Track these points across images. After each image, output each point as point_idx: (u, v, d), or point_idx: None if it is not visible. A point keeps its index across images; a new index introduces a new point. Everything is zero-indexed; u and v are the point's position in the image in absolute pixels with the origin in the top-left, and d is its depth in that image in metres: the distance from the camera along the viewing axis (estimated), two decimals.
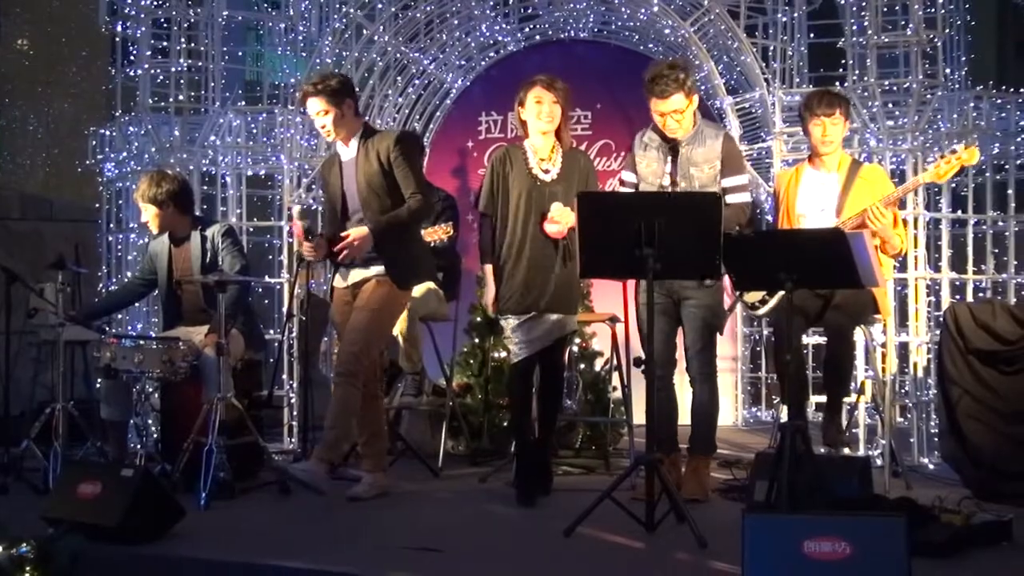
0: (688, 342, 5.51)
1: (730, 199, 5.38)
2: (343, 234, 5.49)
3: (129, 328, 7.42)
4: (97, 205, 8.19)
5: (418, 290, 6.21)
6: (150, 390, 6.11)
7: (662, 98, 5.38)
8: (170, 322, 6.35)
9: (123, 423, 6.14)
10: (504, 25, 8.87)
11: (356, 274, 5.65)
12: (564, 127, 5.62)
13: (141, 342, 5.98)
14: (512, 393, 5.89)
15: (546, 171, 5.59)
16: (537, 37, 9.13)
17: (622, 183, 5.70)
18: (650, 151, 5.55)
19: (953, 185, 6.15)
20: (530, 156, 5.62)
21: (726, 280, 5.28)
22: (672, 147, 5.48)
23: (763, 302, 5.69)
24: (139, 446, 6.26)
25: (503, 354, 6.85)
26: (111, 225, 7.87)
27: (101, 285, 7.84)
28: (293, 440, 7.08)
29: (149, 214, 6.21)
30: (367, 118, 7.94)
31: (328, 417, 5.51)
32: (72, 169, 11.25)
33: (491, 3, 8.58)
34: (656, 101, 5.41)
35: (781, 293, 5.05)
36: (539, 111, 5.54)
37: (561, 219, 5.44)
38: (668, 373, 5.57)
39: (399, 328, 6.24)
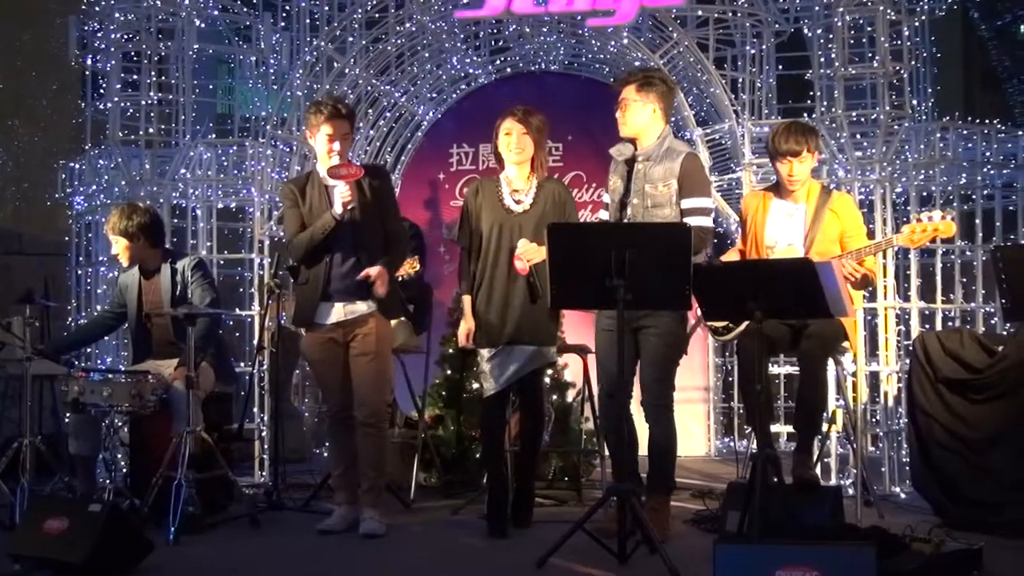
0: (643, 372, 5.34)
1: (689, 222, 5.20)
2: (363, 273, 5.44)
3: (98, 362, 7.37)
4: (67, 238, 8.15)
5: None
6: (119, 424, 6.06)
7: (619, 85, 5.46)
8: (140, 355, 6.31)
9: (92, 458, 6.08)
10: (475, 58, 8.91)
11: (340, 311, 5.57)
12: (539, 158, 5.62)
13: (110, 376, 5.93)
14: (485, 426, 5.83)
15: (518, 202, 5.60)
16: (508, 69, 9.17)
17: (604, 206, 5.70)
18: (618, 167, 5.53)
19: (918, 213, 6.20)
20: (503, 188, 5.65)
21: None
22: (627, 162, 5.46)
23: (728, 329, 5.66)
24: (108, 481, 6.20)
25: (476, 385, 6.85)
26: (80, 258, 7.83)
27: (70, 319, 7.80)
28: (264, 473, 7.03)
29: (120, 247, 6.18)
30: None
31: (371, 467, 5.57)
32: (41, 202, 11.22)
33: (462, 36, 8.62)
34: (617, 88, 5.48)
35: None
36: (508, 143, 5.58)
37: (524, 255, 5.43)
38: (625, 403, 5.29)
39: None
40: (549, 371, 6.89)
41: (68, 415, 6.24)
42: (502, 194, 5.64)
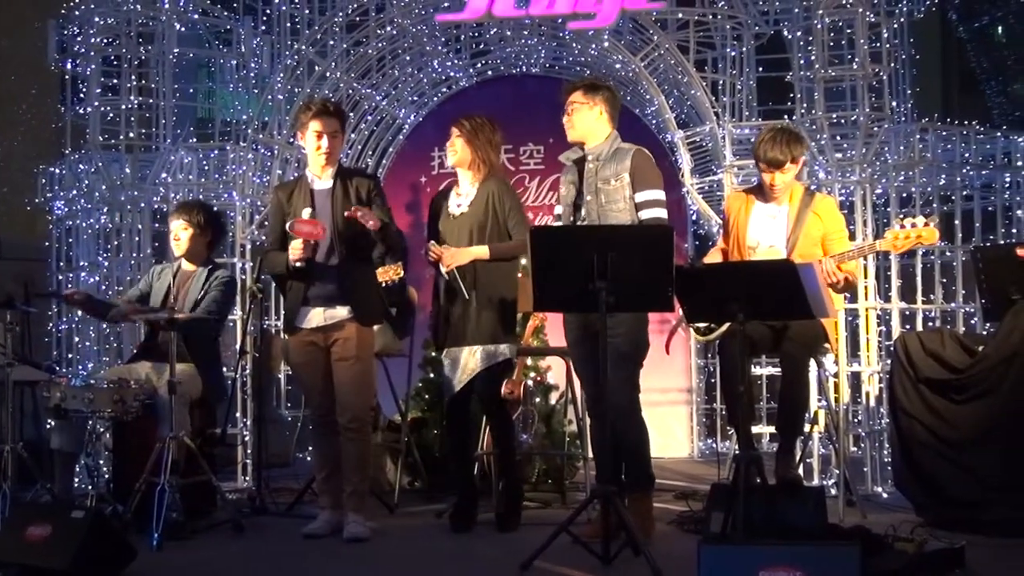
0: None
1: (642, 215, 5.30)
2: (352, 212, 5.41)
3: (79, 368, 7.34)
4: (47, 243, 8.11)
5: None
6: (101, 430, 6.03)
7: (565, 92, 5.52)
8: (141, 353, 6.26)
9: (73, 455, 6.00)
10: (456, 61, 8.92)
11: (320, 316, 5.56)
12: (477, 159, 5.70)
13: (92, 381, 5.90)
14: (446, 429, 6.00)
15: (459, 205, 5.74)
16: (489, 72, 9.19)
17: (555, 218, 5.74)
18: (568, 173, 5.58)
19: (901, 216, 6.25)
20: (453, 192, 5.79)
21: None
22: (578, 164, 5.50)
23: (710, 329, 5.68)
24: (90, 487, 6.17)
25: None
26: (61, 264, 7.80)
27: (51, 324, 7.76)
28: (247, 478, 7.01)
29: (184, 233, 6.18)
30: None
31: (354, 471, 5.57)
32: (21, 207, 11.15)
33: (443, 39, 8.63)
34: (563, 96, 5.52)
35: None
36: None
37: (443, 258, 5.56)
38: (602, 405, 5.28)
39: None
40: (532, 374, 6.91)
41: (50, 421, 6.20)
42: (450, 198, 5.79)
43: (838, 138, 7.01)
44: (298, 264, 5.47)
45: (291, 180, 6.11)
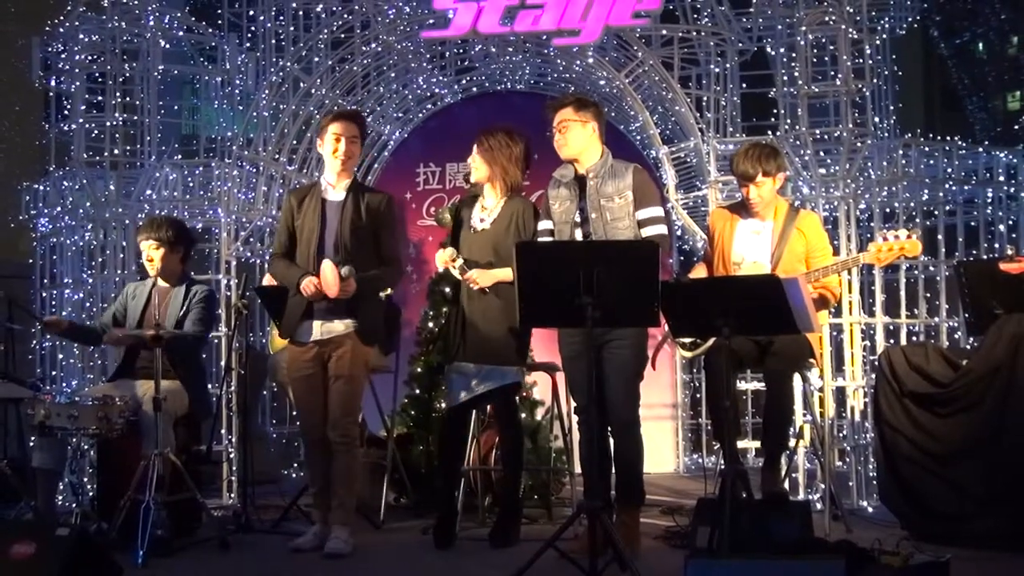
0: (612, 389, 5.31)
1: (646, 232, 5.38)
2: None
3: (64, 385, 7.31)
4: (31, 261, 8.09)
5: None
6: (85, 447, 6.00)
7: (552, 109, 5.55)
8: (123, 370, 6.23)
9: (55, 472, 5.94)
10: (441, 77, 8.94)
11: (317, 329, 5.56)
12: (497, 175, 5.71)
13: (76, 398, 5.86)
14: (442, 437, 6.04)
15: (482, 220, 5.72)
16: (474, 89, 9.21)
17: (542, 233, 5.65)
18: (561, 189, 5.56)
19: (884, 230, 6.27)
20: (477, 206, 5.77)
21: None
22: (578, 179, 5.50)
23: (696, 344, 5.70)
24: (75, 504, 6.14)
25: (444, 405, 6.88)
26: (45, 281, 7.77)
27: (35, 342, 7.73)
28: (232, 495, 6.99)
29: (155, 253, 6.14)
30: (304, 170, 7.99)
31: (342, 485, 5.57)
32: (5, 224, 11.13)
33: (428, 56, 8.65)
34: (550, 113, 5.55)
35: None
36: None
37: (474, 280, 5.55)
38: (597, 420, 5.32)
39: None
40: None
41: (34, 439, 6.17)
42: (473, 212, 5.75)
43: (821, 154, 7.05)
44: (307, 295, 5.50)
45: (306, 185, 6.13)
